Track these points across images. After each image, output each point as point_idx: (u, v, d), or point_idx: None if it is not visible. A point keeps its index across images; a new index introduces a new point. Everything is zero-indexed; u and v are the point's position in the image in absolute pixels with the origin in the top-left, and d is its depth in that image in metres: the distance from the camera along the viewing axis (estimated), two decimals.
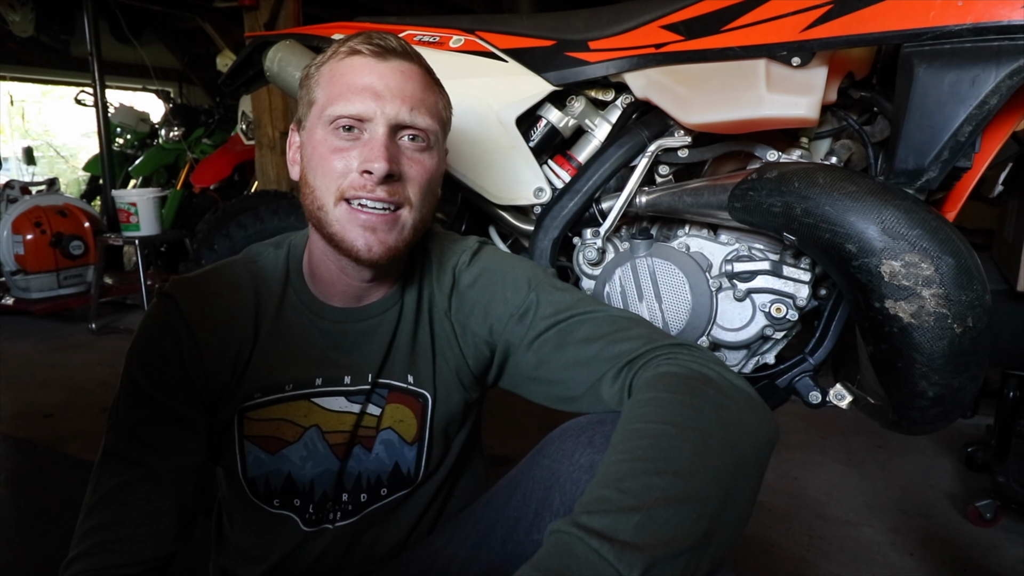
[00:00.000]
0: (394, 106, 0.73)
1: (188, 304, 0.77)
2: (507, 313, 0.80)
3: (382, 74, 0.74)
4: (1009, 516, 1.68)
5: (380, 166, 0.71)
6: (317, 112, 0.75)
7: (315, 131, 0.75)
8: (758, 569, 1.49)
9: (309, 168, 0.76)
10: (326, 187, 0.74)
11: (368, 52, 0.74)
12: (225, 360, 0.78)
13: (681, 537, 0.50)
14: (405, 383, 0.83)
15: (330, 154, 0.73)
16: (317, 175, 0.75)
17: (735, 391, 0.67)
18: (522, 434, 2.14)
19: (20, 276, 3.48)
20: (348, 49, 0.75)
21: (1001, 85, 0.82)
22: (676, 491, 0.52)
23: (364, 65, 0.74)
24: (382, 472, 0.84)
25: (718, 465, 0.57)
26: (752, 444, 0.61)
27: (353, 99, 0.72)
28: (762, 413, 0.66)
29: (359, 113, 0.72)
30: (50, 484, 1.84)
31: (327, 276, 0.80)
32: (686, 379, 0.66)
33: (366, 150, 0.72)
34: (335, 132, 0.73)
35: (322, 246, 0.78)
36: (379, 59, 0.74)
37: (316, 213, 0.75)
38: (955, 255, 0.82)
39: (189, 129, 4.55)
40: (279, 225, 1.54)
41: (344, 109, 0.72)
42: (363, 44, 0.75)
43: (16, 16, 4.82)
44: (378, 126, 0.73)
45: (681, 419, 0.60)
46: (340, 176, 0.73)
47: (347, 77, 0.74)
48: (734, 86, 1.00)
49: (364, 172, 0.72)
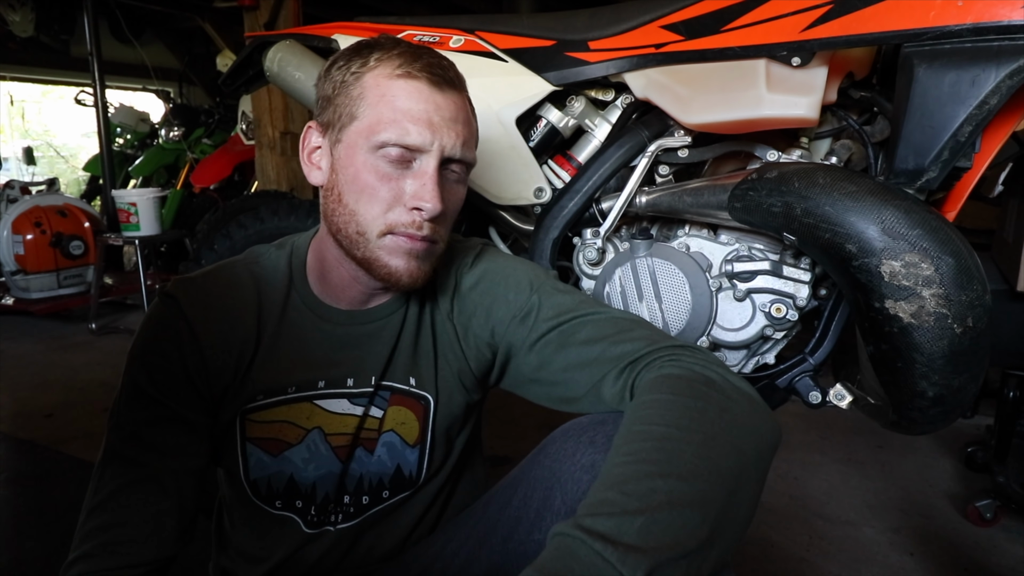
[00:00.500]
0: (448, 140, 0.72)
1: (190, 304, 0.77)
2: (509, 315, 0.80)
3: (439, 105, 0.72)
4: (1009, 516, 1.68)
5: (433, 206, 0.70)
6: (363, 132, 0.72)
7: (357, 151, 0.72)
8: (758, 569, 1.49)
9: (349, 189, 0.73)
10: (372, 216, 0.72)
11: (426, 80, 0.72)
12: (227, 361, 0.78)
13: (684, 540, 0.50)
14: (407, 385, 0.83)
15: (378, 181, 0.72)
16: (361, 200, 0.72)
17: (738, 393, 0.67)
18: (522, 434, 2.14)
19: (20, 276, 3.48)
20: (404, 71, 0.71)
21: (1001, 85, 0.82)
22: (680, 494, 0.52)
23: (420, 92, 0.71)
24: (384, 474, 0.84)
25: (722, 468, 0.57)
26: (755, 447, 0.61)
27: (410, 129, 0.70)
28: (764, 415, 0.66)
29: (414, 144, 0.70)
30: (50, 484, 1.84)
31: (337, 281, 0.80)
32: (689, 381, 0.66)
33: (417, 185, 0.71)
34: (384, 158, 0.71)
35: (338, 255, 0.77)
36: (435, 89, 0.72)
37: (354, 236, 0.74)
38: (955, 255, 0.82)
39: (189, 129, 4.55)
40: (279, 225, 1.54)
41: (399, 138, 0.70)
42: (422, 71, 0.72)
43: (16, 16, 4.82)
44: (431, 159, 0.71)
45: (685, 421, 0.60)
46: (388, 208, 0.72)
47: (401, 102, 0.71)
48: (734, 86, 1.00)
49: (415, 209, 0.71)
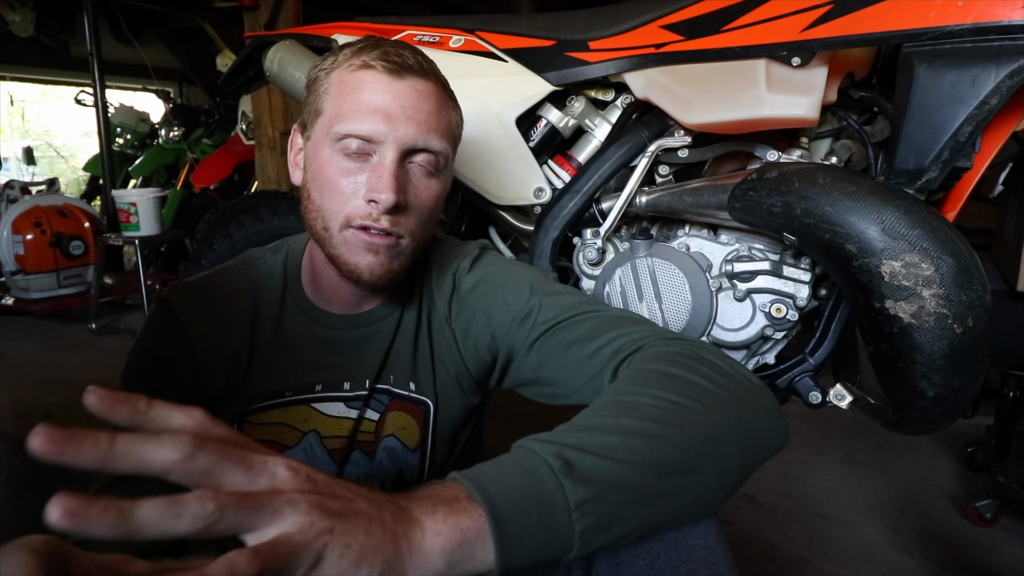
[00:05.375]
0: (407, 129, 0.70)
1: (184, 310, 0.77)
2: (509, 318, 0.80)
3: (396, 93, 0.70)
4: (1009, 516, 1.68)
5: (387, 197, 0.68)
6: (324, 126, 0.72)
7: (321, 146, 0.72)
8: (758, 569, 1.49)
9: (314, 184, 0.74)
10: (333, 211, 0.72)
11: (382, 68, 0.70)
12: (221, 366, 0.78)
13: (634, 458, 0.52)
14: (407, 391, 0.83)
15: (337, 176, 0.71)
16: (323, 195, 0.72)
17: (730, 369, 0.65)
18: (522, 434, 2.13)
19: (20, 276, 3.48)
20: (361, 62, 0.71)
21: (1001, 85, 0.82)
22: (630, 429, 0.54)
23: (377, 82, 0.70)
24: (385, 479, 0.84)
25: (684, 418, 0.56)
26: (737, 414, 0.59)
27: (364, 119, 0.69)
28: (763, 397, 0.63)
29: (368, 134, 0.69)
30: (50, 484, 1.83)
31: (327, 283, 0.80)
32: (672, 355, 0.65)
33: (374, 177, 0.69)
34: (342, 153, 0.71)
35: (323, 256, 0.78)
36: (393, 76, 0.70)
37: (321, 232, 0.74)
38: (955, 255, 0.82)
39: (189, 129, 4.55)
40: (279, 225, 1.54)
41: (352, 128, 0.69)
42: (378, 59, 0.70)
43: (16, 16, 4.82)
44: (388, 150, 0.69)
45: (654, 380, 0.60)
46: (346, 200, 0.71)
47: (358, 93, 0.70)
48: (734, 86, 1.00)
49: (371, 201, 0.70)
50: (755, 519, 1.69)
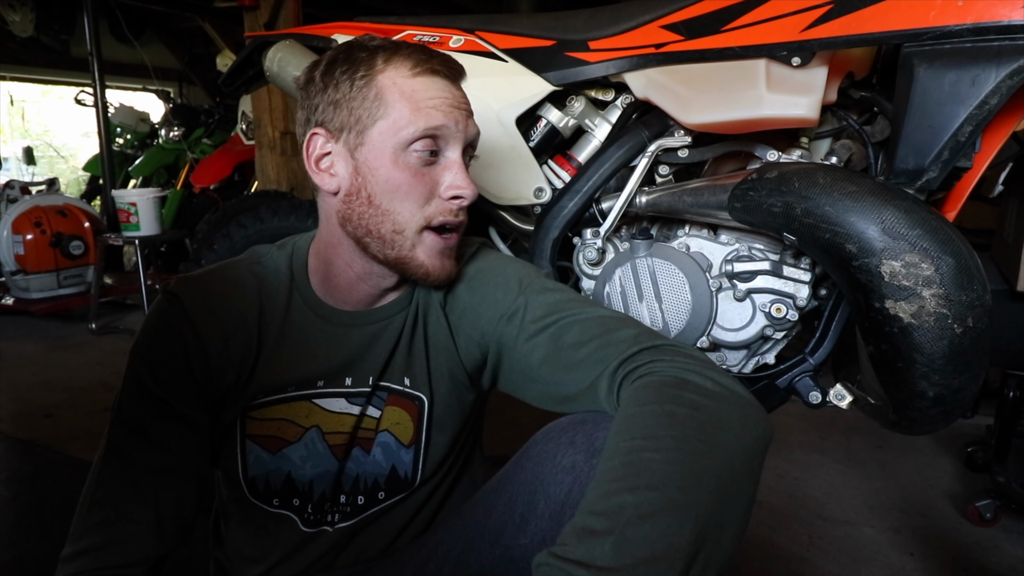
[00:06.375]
0: (468, 127, 0.76)
1: (193, 304, 0.77)
2: (497, 314, 0.80)
3: (455, 96, 0.75)
4: (1009, 516, 1.68)
5: (470, 192, 0.74)
6: (388, 131, 0.72)
7: (386, 150, 0.73)
8: (758, 569, 1.49)
9: (381, 189, 0.73)
10: (410, 213, 0.74)
11: (445, 73, 0.75)
12: (230, 362, 0.78)
13: (662, 549, 0.49)
14: (402, 386, 0.83)
15: (412, 178, 0.73)
16: (396, 199, 0.73)
17: (717, 390, 0.65)
18: (522, 434, 2.13)
19: (20, 276, 3.48)
20: (422, 69, 0.74)
21: (1001, 85, 0.82)
22: (650, 505, 0.52)
23: (439, 85, 0.74)
24: (379, 475, 0.84)
25: (696, 468, 0.55)
26: (737, 442, 0.60)
27: (437, 116, 0.73)
28: (749, 410, 0.64)
29: (445, 126, 0.73)
30: (50, 484, 1.84)
31: (344, 283, 0.80)
32: (659, 387, 0.64)
33: (450, 175, 0.74)
34: (415, 154, 0.73)
35: (349, 257, 0.78)
36: (453, 82, 0.76)
37: (389, 236, 0.74)
38: (955, 255, 0.82)
39: (189, 129, 4.55)
40: (279, 225, 1.54)
41: (429, 125, 0.72)
42: (441, 64, 0.75)
43: (16, 16, 4.82)
44: (458, 146, 0.75)
45: (651, 430, 0.58)
46: (424, 200, 0.74)
47: (425, 96, 0.73)
48: (734, 86, 1.00)
49: (453, 198, 0.74)
50: (755, 519, 1.69)
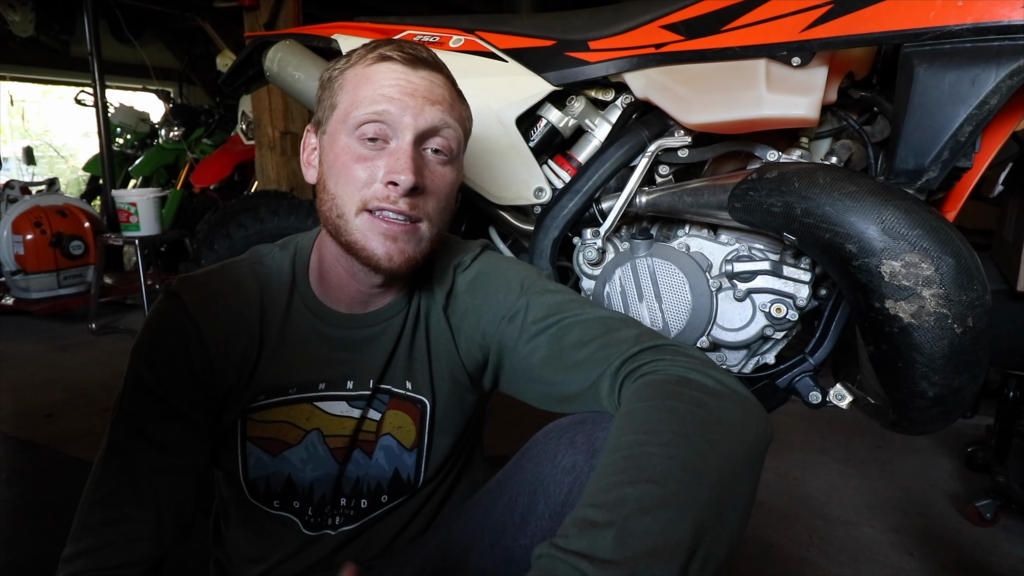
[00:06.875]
0: (423, 112, 0.72)
1: (195, 304, 0.77)
2: (498, 316, 0.80)
3: (412, 80, 0.73)
4: (1009, 516, 1.68)
5: (406, 178, 0.70)
6: (341, 116, 0.73)
7: (338, 136, 0.73)
8: (758, 569, 1.49)
9: (330, 174, 0.74)
10: (348, 196, 0.72)
11: (399, 59, 0.73)
12: (231, 362, 0.78)
13: (664, 543, 0.49)
14: (404, 389, 0.83)
15: (354, 162, 0.72)
16: (339, 183, 0.73)
17: (719, 388, 0.65)
18: (522, 434, 2.13)
19: (20, 276, 3.48)
20: (377, 55, 0.73)
21: (1001, 85, 0.82)
22: (651, 499, 0.52)
23: (393, 71, 0.73)
24: (382, 478, 0.84)
25: (698, 464, 0.55)
26: (738, 439, 0.60)
27: (382, 102, 0.71)
28: (749, 408, 0.64)
29: (386, 115, 0.71)
30: (50, 484, 1.84)
31: (336, 281, 0.80)
32: (661, 384, 0.64)
33: (392, 160, 0.71)
34: (360, 140, 0.72)
35: (335, 251, 0.77)
36: (409, 66, 0.73)
37: (335, 221, 0.74)
38: (955, 255, 0.82)
39: (189, 129, 4.55)
40: (279, 225, 1.54)
41: (370, 110, 0.71)
42: (394, 51, 0.73)
43: (16, 16, 4.82)
44: (406, 134, 0.72)
45: (653, 424, 0.59)
46: (363, 186, 0.72)
47: (375, 81, 0.72)
48: (734, 86, 1.00)
49: (389, 183, 0.71)
50: (755, 519, 1.69)
